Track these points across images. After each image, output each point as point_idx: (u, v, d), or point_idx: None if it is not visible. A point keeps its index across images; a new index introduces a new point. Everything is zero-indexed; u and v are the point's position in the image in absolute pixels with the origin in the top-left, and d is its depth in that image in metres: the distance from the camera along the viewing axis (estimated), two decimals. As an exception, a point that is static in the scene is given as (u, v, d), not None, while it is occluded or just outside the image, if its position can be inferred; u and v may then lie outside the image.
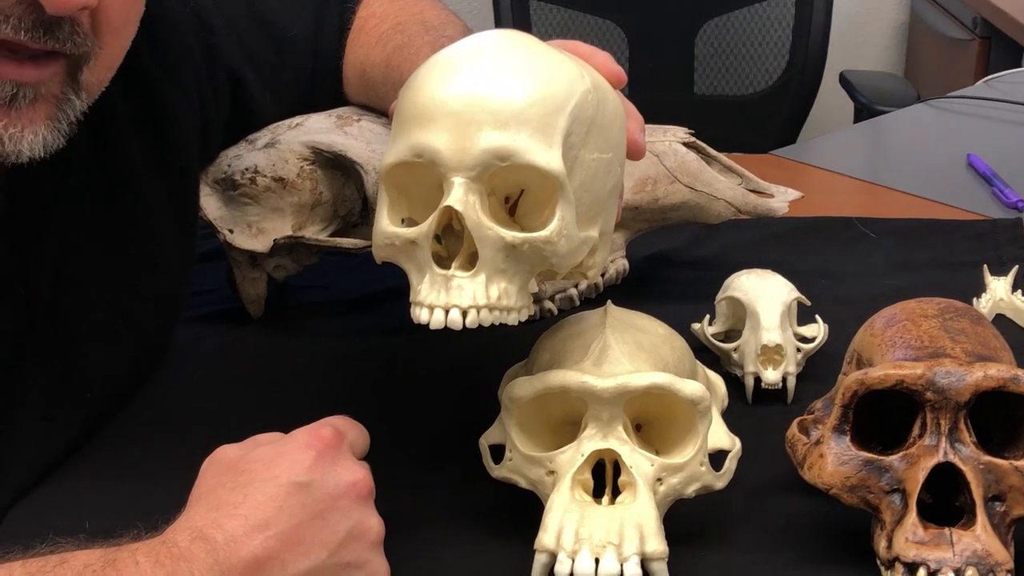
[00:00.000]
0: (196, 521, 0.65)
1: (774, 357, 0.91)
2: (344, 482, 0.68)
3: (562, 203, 0.69)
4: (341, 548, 0.67)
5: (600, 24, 2.27)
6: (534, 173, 0.69)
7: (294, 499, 0.66)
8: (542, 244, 0.69)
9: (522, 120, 0.68)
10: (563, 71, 0.71)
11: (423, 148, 0.69)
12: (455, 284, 0.69)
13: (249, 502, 0.65)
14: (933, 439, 0.70)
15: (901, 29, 2.89)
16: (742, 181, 1.07)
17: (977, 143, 1.51)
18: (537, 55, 0.71)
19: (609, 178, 0.73)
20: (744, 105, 2.28)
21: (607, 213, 0.74)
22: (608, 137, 0.72)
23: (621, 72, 0.77)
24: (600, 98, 0.72)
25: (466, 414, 0.85)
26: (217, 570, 0.64)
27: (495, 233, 0.69)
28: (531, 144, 0.68)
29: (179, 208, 0.95)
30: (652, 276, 1.13)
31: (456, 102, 0.68)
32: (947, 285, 1.04)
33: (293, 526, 0.65)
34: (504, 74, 0.69)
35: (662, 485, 0.72)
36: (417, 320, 0.70)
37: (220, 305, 1.09)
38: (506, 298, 0.70)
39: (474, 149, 0.68)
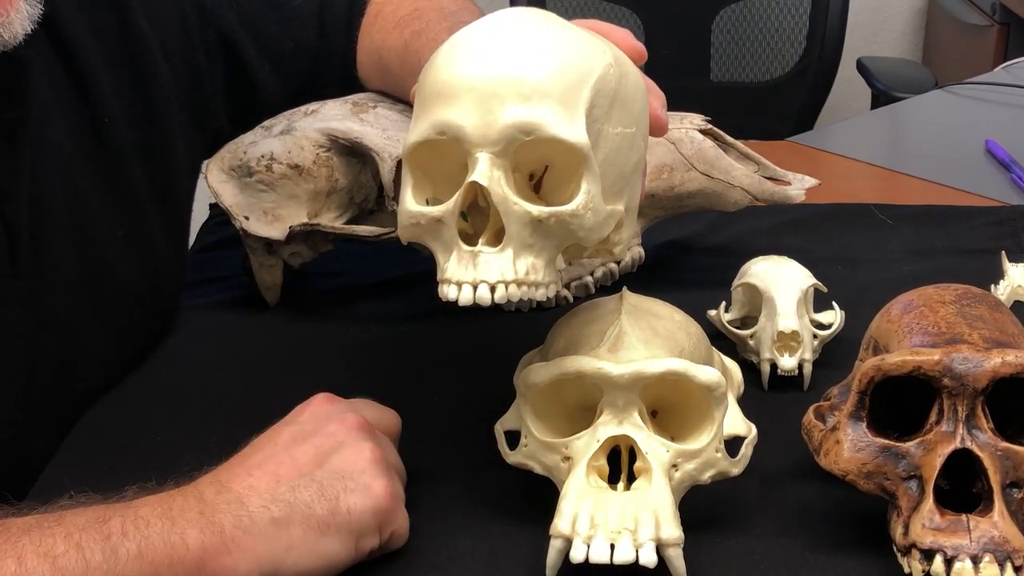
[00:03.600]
0: (200, 482, 0.70)
1: (790, 344, 0.91)
2: (334, 420, 0.73)
3: (588, 176, 0.69)
4: (329, 455, 0.71)
5: (616, 11, 2.26)
6: (559, 147, 0.68)
7: (284, 434, 0.72)
8: (569, 217, 0.69)
9: (545, 93, 0.67)
10: (584, 45, 0.70)
11: (446, 125, 0.69)
12: (482, 260, 0.68)
13: (253, 451, 0.72)
14: (950, 425, 0.70)
15: (919, 15, 2.87)
16: (759, 168, 1.06)
17: (995, 129, 1.50)
18: (557, 30, 0.71)
19: (633, 153, 0.73)
20: (761, 92, 2.28)
21: (632, 188, 0.74)
22: (631, 111, 0.72)
23: (641, 48, 0.77)
24: (622, 72, 0.72)
25: (481, 400, 0.85)
26: (215, 488, 0.69)
27: (521, 208, 0.68)
28: (555, 117, 0.67)
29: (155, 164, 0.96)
30: (668, 263, 1.13)
31: (478, 78, 0.68)
32: (965, 271, 1.04)
33: (282, 445, 0.71)
34: (525, 49, 0.69)
35: (678, 471, 0.72)
36: (445, 298, 0.69)
37: (236, 292, 1.09)
38: (534, 273, 0.69)
39: (498, 124, 0.67)
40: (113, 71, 0.91)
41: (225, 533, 0.65)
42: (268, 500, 0.67)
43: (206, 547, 0.65)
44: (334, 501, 0.69)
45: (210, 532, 0.65)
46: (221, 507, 0.67)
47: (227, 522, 0.66)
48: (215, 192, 1.01)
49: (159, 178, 0.96)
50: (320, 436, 0.72)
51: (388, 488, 0.71)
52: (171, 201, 0.99)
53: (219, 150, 1.03)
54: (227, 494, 0.68)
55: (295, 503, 0.68)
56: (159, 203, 0.96)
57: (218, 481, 0.69)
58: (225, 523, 0.66)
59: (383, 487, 0.71)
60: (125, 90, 0.92)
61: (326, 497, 0.69)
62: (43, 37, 0.83)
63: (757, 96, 2.28)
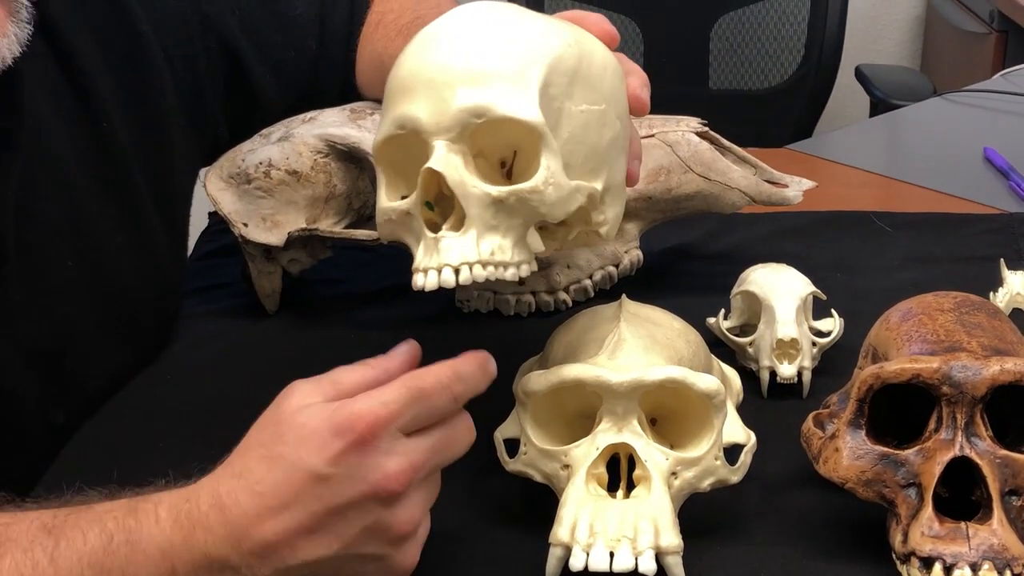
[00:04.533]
0: (220, 484, 0.66)
1: (789, 351, 0.91)
2: (367, 481, 0.65)
3: (545, 152, 0.69)
4: (356, 542, 0.66)
5: (615, 18, 2.26)
6: (514, 126, 0.69)
7: (311, 489, 0.65)
8: (528, 194, 0.69)
9: (494, 75, 0.69)
10: (536, 27, 0.71)
11: (404, 119, 0.70)
12: (444, 244, 0.69)
13: (269, 479, 0.65)
14: (949, 433, 0.70)
15: (917, 23, 2.88)
16: (756, 171, 1.06)
17: (994, 137, 1.50)
18: (510, 16, 0.72)
19: (606, 130, 0.73)
20: (759, 99, 2.28)
21: (611, 166, 0.74)
22: (598, 89, 0.72)
23: (613, 31, 0.77)
24: (585, 51, 0.72)
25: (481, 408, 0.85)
26: (229, 544, 0.64)
27: (480, 189, 0.69)
28: (504, 97, 0.68)
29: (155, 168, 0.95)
30: (667, 270, 1.13)
31: (431, 70, 0.69)
32: (963, 279, 1.04)
33: (307, 515, 0.65)
34: (476, 37, 0.70)
35: (677, 479, 0.72)
36: (416, 287, 0.70)
37: (235, 299, 1.09)
38: (500, 253, 0.69)
39: (450, 110, 0.68)
40: (114, 77, 0.91)
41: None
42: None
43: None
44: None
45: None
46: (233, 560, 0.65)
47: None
48: (214, 200, 1.01)
49: (158, 183, 0.96)
50: (353, 527, 0.66)
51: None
52: (170, 206, 0.99)
53: (217, 157, 1.03)
54: (232, 551, 0.65)
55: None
56: (159, 208, 0.96)
57: (228, 522, 0.65)
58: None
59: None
60: (125, 96, 0.92)
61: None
62: (42, 44, 0.83)
63: (756, 103, 2.28)
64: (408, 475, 0.66)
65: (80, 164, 0.88)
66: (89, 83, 0.89)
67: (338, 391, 0.68)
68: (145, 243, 0.95)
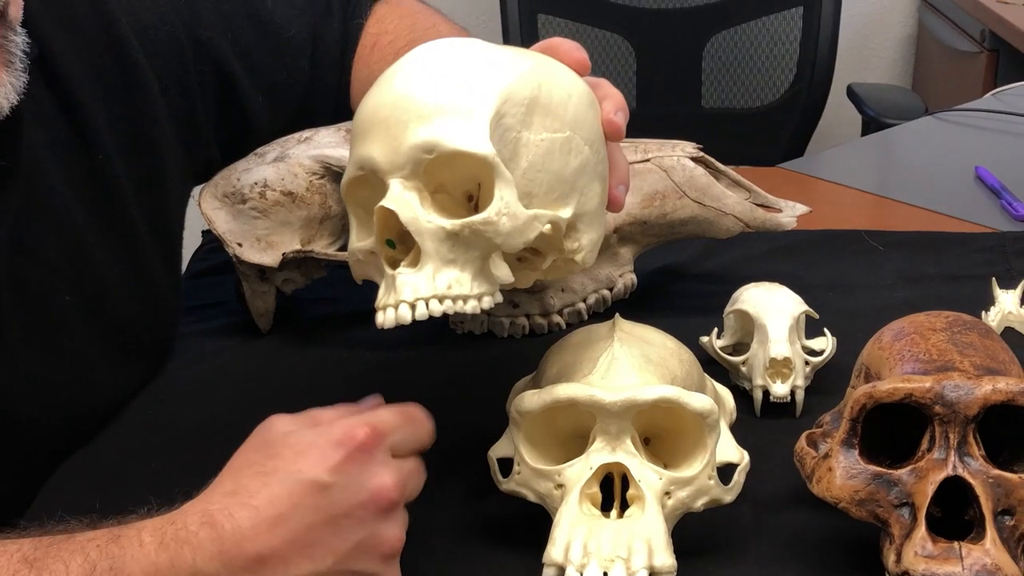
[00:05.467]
0: (211, 503, 0.66)
1: (782, 370, 0.91)
2: (367, 489, 0.66)
3: (498, 182, 0.69)
4: (349, 557, 0.66)
5: (608, 38, 2.27)
6: (467, 160, 0.69)
7: (310, 499, 0.65)
8: (482, 226, 0.69)
9: (443, 110, 0.69)
10: (491, 60, 0.72)
11: (363, 160, 0.72)
12: (400, 281, 0.70)
13: (265, 493, 0.65)
14: (942, 453, 0.70)
15: (909, 42, 2.89)
16: (750, 196, 1.07)
17: (985, 156, 1.51)
18: (466, 52, 0.73)
19: (571, 157, 0.72)
20: (752, 118, 2.29)
21: (582, 192, 0.74)
22: (560, 117, 0.72)
23: (583, 58, 0.77)
24: (544, 80, 0.72)
25: (474, 427, 0.85)
26: (220, 560, 0.64)
27: (433, 224, 0.69)
28: (452, 131, 0.69)
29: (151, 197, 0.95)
30: (660, 289, 1.14)
31: (385, 110, 0.71)
32: (955, 298, 1.04)
33: (303, 527, 0.65)
34: (428, 74, 0.71)
35: (670, 499, 0.72)
36: (377, 325, 0.71)
37: (229, 319, 1.09)
38: (457, 287, 0.70)
39: (402, 148, 0.69)
40: (108, 107, 0.91)
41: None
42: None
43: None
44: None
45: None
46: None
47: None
48: (208, 219, 1.01)
49: (154, 210, 0.96)
50: (347, 541, 0.66)
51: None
52: (166, 233, 0.99)
53: (208, 178, 1.03)
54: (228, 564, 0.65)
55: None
56: (154, 235, 0.96)
57: (220, 539, 0.65)
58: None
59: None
60: (121, 126, 0.92)
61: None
62: (37, 75, 0.83)
63: (748, 122, 2.29)
64: (401, 488, 0.68)
65: (75, 197, 0.88)
66: (84, 115, 0.89)
67: (316, 423, 0.70)
68: (141, 272, 0.95)
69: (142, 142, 0.94)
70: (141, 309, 0.95)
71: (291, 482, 0.65)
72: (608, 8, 2.25)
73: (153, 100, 0.94)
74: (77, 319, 0.89)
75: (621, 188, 0.78)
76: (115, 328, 0.93)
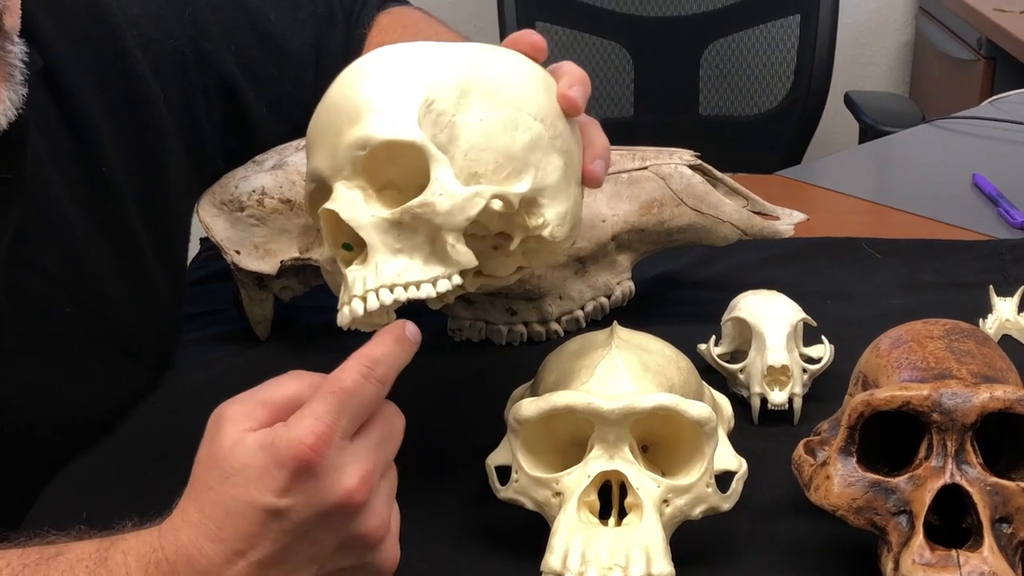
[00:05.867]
0: (181, 533, 0.64)
1: (780, 378, 0.91)
2: (328, 501, 0.64)
3: (433, 165, 0.70)
4: (333, 559, 0.66)
5: (606, 45, 2.27)
6: (402, 150, 0.70)
7: (272, 525, 0.63)
8: (420, 209, 0.70)
9: (371, 108, 0.71)
10: (418, 55, 0.74)
11: (312, 173, 0.74)
12: (350, 277, 0.71)
13: (229, 524, 0.63)
14: (940, 460, 0.70)
15: (906, 49, 2.90)
16: (747, 203, 1.07)
17: (982, 163, 1.51)
18: (397, 52, 0.74)
19: (519, 134, 0.73)
20: (749, 125, 2.29)
21: (538, 167, 0.74)
22: (499, 96, 0.73)
23: (536, 41, 0.78)
24: (479, 63, 0.74)
25: (472, 435, 0.85)
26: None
27: (374, 217, 0.71)
28: (380, 124, 0.70)
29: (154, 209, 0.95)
30: (658, 297, 1.14)
31: (323, 120, 0.74)
32: (953, 305, 1.04)
33: (276, 550, 0.64)
34: (360, 79, 0.73)
35: (668, 507, 0.72)
36: (339, 325, 0.72)
37: (227, 326, 1.09)
38: (406, 273, 0.70)
39: (339, 152, 0.71)
40: (113, 119, 0.90)
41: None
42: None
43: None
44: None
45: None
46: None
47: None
48: (206, 226, 1.01)
49: (158, 223, 0.96)
50: (325, 547, 0.65)
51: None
52: (169, 244, 0.99)
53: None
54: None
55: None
56: (157, 247, 0.96)
57: (198, 572, 0.64)
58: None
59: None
60: (124, 139, 0.92)
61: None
62: (42, 88, 0.82)
63: (746, 130, 2.29)
64: (367, 482, 0.65)
65: (78, 208, 0.88)
66: (88, 127, 0.89)
67: (269, 413, 0.66)
68: (144, 284, 0.95)
69: (146, 154, 0.94)
70: (142, 320, 0.95)
71: (249, 512, 0.63)
72: (606, 16, 2.25)
73: (157, 113, 0.94)
74: (77, 330, 0.89)
75: (598, 163, 0.78)
76: (116, 339, 0.93)
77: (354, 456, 0.65)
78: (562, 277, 1.04)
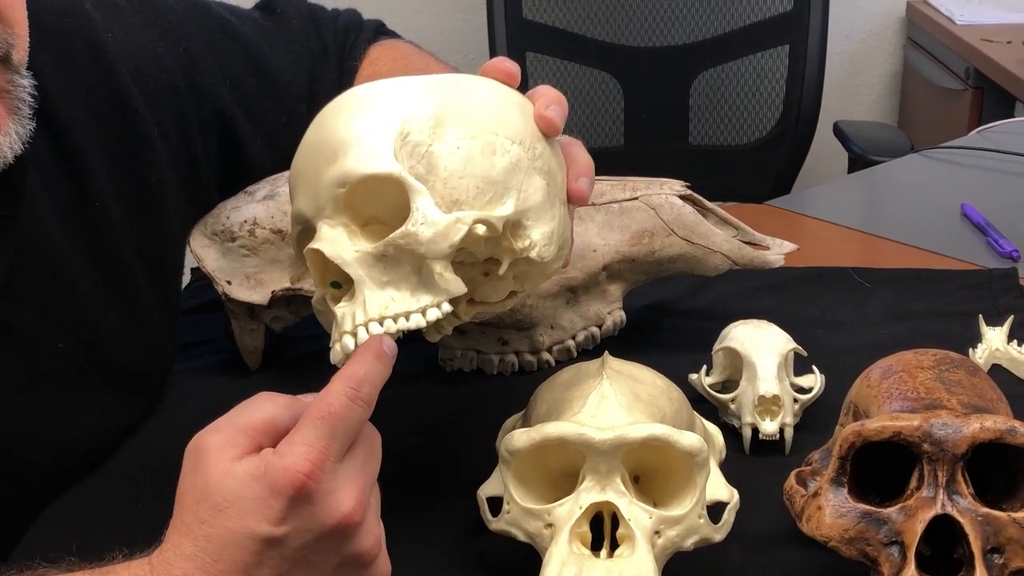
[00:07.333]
0: (174, 568, 0.64)
1: (771, 408, 0.91)
2: (324, 526, 0.64)
3: (412, 195, 0.71)
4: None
5: (596, 75, 2.29)
6: (382, 184, 0.71)
7: (270, 552, 0.63)
8: (402, 240, 0.70)
9: (347, 145, 0.71)
10: (391, 90, 0.74)
11: (296, 216, 0.75)
12: (340, 313, 0.71)
13: (226, 557, 0.63)
14: (931, 491, 0.70)
15: (894, 79, 2.91)
16: (738, 233, 1.07)
17: (971, 193, 1.52)
18: (370, 90, 0.75)
19: (498, 158, 0.73)
20: (739, 155, 2.30)
21: (519, 189, 0.74)
22: (475, 122, 0.73)
23: (508, 67, 0.78)
24: (452, 93, 0.74)
25: (463, 465, 0.85)
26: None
27: (358, 252, 0.71)
28: (356, 160, 0.71)
29: (148, 243, 0.95)
30: (649, 326, 1.14)
31: (302, 163, 0.74)
32: (943, 335, 1.05)
33: (276, 575, 0.64)
34: (334, 119, 0.74)
35: (660, 538, 0.72)
36: (332, 362, 0.71)
37: (218, 356, 1.09)
38: (394, 305, 0.71)
39: (320, 191, 0.72)
40: (107, 154, 0.91)
41: None
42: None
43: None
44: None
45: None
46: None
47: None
48: (197, 256, 1.01)
49: (152, 256, 0.96)
50: (323, 569, 0.65)
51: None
52: (163, 278, 0.99)
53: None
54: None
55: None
56: (152, 280, 0.96)
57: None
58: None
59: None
60: (120, 174, 0.92)
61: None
62: (37, 122, 0.82)
63: (735, 159, 2.30)
64: (361, 502, 0.65)
65: (72, 243, 0.88)
66: (83, 162, 0.89)
67: (250, 438, 0.66)
68: (138, 318, 0.95)
69: (141, 189, 0.94)
70: (136, 353, 0.95)
71: (246, 542, 0.63)
72: (596, 46, 2.26)
73: (153, 147, 0.94)
74: (70, 363, 0.89)
75: (583, 180, 0.79)
76: (109, 372, 0.92)
77: (346, 478, 0.65)
78: (553, 307, 1.04)
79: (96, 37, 0.91)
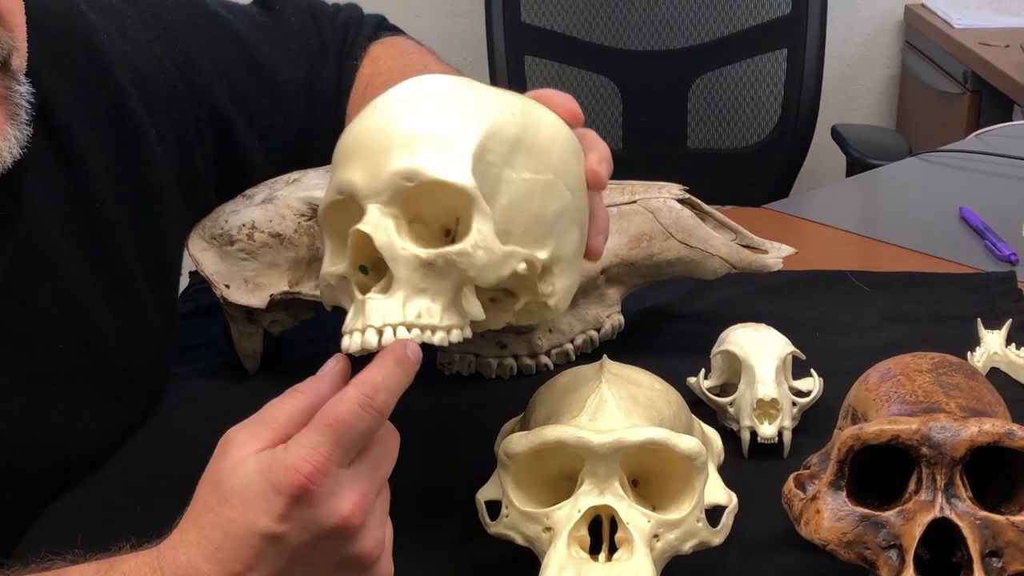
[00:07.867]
0: (180, 553, 0.65)
1: (770, 411, 0.91)
2: (324, 527, 0.64)
3: (477, 215, 0.70)
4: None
5: (594, 79, 2.29)
6: (446, 190, 0.69)
7: (269, 548, 0.64)
8: (457, 257, 0.69)
9: (426, 140, 0.70)
10: (477, 95, 0.73)
11: (343, 185, 0.71)
12: (369, 306, 0.69)
13: (228, 546, 0.64)
14: (929, 494, 0.70)
15: (892, 83, 2.91)
16: (736, 237, 1.07)
17: (969, 196, 1.52)
18: (454, 86, 0.73)
19: (552, 200, 0.73)
20: (737, 159, 2.30)
21: (560, 237, 0.74)
22: (543, 159, 0.73)
23: (576, 110, 0.78)
24: (531, 122, 0.73)
25: (462, 470, 0.85)
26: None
27: (408, 251, 0.69)
28: (435, 161, 0.69)
29: (147, 244, 0.95)
30: (647, 330, 1.14)
31: (369, 137, 0.71)
32: (941, 338, 1.05)
33: (273, 572, 0.65)
34: (415, 104, 0.72)
35: (659, 541, 0.72)
36: (344, 350, 0.70)
37: (216, 360, 1.09)
38: (427, 316, 0.69)
39: (383, 174, 0.69)
40: (106, 155, 0.91)
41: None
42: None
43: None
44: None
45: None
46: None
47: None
48: (196, 260, 1.01)
49: (151, 257, 0.96)
50: (323, 569, 0.66)
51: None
52: (162, 279, 0.99)
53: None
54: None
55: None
56: (150, 281, 0.96)
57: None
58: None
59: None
60: (118, 174, 0.92)
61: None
62: (36, 125, 0.82)
63: (733, 163, 2.31)
64: (362, 506, 0.66)
65: (71, 245, 0.88)
66: (82, 164, 0.89)
67: (274, 432, 0.67)
68: (137, 319, 0.95)
69: (140, 190, 0.94)
70: (135, 354, 0.95)
71: (247, 535, 0.64)
72: (594, 50, 2.26)
73: (151, 148, 0.94)
74: (69, 365, 0.89)
75: (600, 238, 0.79)
76: (108, 373, 0.92)
77: (350, 481, 0.66)
78: (552, 310, 1.04)
79: (92, 38, 0.91)
